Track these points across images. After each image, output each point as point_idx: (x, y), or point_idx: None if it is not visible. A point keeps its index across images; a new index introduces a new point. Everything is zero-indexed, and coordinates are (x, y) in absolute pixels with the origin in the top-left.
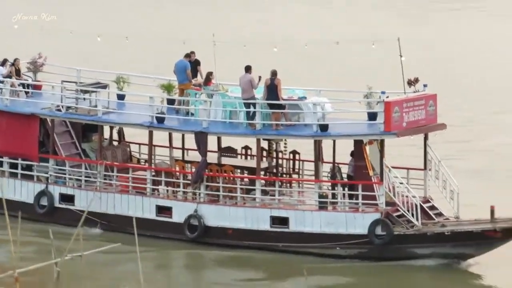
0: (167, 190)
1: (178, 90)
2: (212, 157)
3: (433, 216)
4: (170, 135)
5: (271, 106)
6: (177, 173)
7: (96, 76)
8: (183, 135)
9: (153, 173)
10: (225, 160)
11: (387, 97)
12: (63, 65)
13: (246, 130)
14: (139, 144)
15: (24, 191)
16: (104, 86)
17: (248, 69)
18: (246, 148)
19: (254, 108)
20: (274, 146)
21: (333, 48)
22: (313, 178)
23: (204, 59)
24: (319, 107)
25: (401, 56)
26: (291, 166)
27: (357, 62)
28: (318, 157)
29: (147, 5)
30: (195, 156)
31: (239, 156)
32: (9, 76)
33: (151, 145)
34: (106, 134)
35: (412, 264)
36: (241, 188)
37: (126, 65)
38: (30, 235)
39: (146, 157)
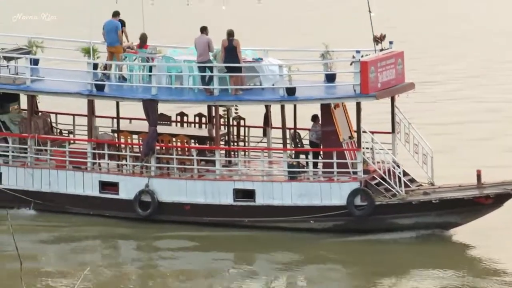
0: (108, 164)
1: (108, 53)
2: (143, 125)
3: (407, 183)
4: (90, 103)
5: (230, 70)
6: (122, 145)
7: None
8: (117, 103)
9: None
10: (159, 128)
11: (362, 56)
12: None
13: (202, 97)
14: (56, 113)
15: None
16: (28, 52)
17: (204, 29)
18: (182, 114)
19: (211, 72)
20: (226, 112)
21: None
22: (259, 145)
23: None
24: (285, 69)
25: (370, 11)
26: (236, 133)
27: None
28: (284, 124)
29: None
30: (129, 125)
31: (173, 124)
32: None
33: (91, 116)
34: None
35: (392, 236)
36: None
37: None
38: None
39: (64, 128)
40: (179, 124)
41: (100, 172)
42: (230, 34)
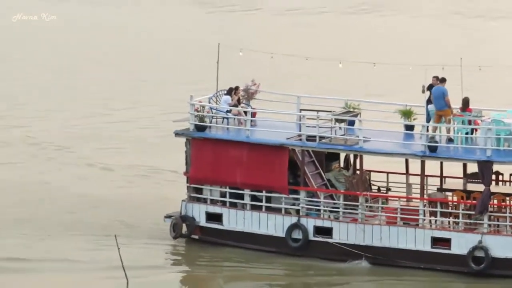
0: (435, 221)
1: (436, 116)
2: (456, 183)
3: None
4: (406, 162)
5: None
6: (455, 204)
7: (316, 102)
8: (441, 163)
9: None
10: (472, 187)
11: None
12: (277, 91)
13: None
14: (370, 171)
15: (271, 225)
16: (356, 115)
17: None
18: (497, 174)
19: None
20: None
21: None
22: None
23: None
24: None
25: None
26: None
27: None
28: None
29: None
30: (453, 184)
31: None
32: (235, 105)
33: (423, 175)
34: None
35: None
36: None
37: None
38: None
39: (382, 185)
40: (493, 183)
41: (432, 229)
42: None
